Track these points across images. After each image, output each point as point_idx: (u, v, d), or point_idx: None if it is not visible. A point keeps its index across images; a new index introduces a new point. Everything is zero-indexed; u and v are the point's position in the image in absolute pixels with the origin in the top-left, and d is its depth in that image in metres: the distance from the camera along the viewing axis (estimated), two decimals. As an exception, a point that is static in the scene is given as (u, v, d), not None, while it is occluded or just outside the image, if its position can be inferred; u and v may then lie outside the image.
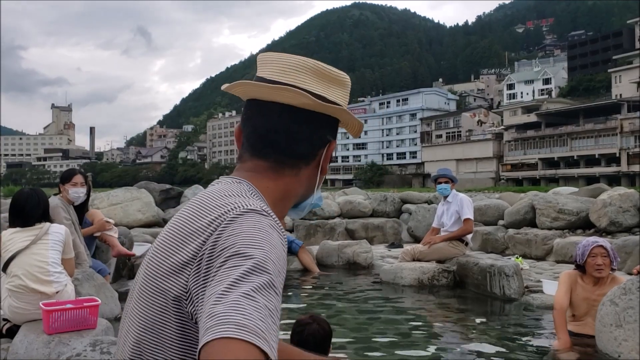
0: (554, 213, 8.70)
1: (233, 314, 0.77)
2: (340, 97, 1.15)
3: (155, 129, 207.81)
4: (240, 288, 0.82)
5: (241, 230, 0.93)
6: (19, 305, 3.55)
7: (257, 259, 0.87)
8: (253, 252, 0.88)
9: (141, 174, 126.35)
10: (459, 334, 4.80)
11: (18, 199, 3.86)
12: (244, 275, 0.84)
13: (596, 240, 4.00)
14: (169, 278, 0.97)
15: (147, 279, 1.02)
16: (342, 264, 8.02)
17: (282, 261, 0.93)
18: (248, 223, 0.94)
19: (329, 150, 1.17)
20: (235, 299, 0.79)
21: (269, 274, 0.86)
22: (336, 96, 1.14)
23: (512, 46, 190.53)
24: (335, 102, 1.14)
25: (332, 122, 1.17)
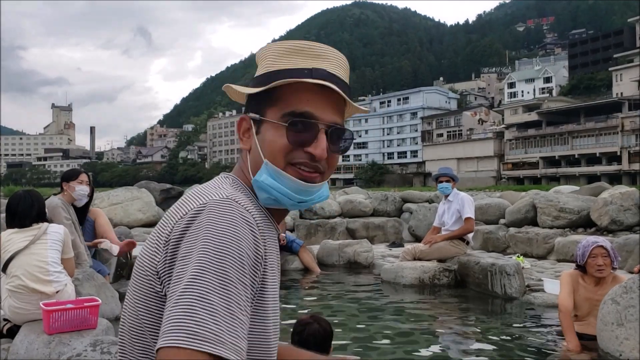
0: (555, 212, 8.69)
1: (186, 320, 0.84)
2: (294, 63, 1.12)
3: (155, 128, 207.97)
4: (196, 289, 0.87)
5: (206, 223, 0.97)
6: (19, 306, 3.55)
7: (216, 255, 0.92)
8: (213, 246, 0.93)
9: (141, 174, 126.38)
10: (460, 333, 4.79)
11: (11, 201, 3.87)
12: (201, 273, 0.89)
13: (596, 241, 3.98)
14: (149, 261, 1.04)
15: (135, 269, 1.09)
16: (342, 263, 8.01)
17: (247, 248, 0.96)
18: (213, 215, 0.98)
19: (239, 124, 1.20)
20: (189, 303, 0.86)
21: (227, 269, 0.90)
22: (292, 64, 1.12)
23: (512, 45, 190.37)
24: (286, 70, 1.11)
25: (260, 100, 1.15)
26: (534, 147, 75.14)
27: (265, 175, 1.11)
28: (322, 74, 1.10)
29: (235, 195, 1.05)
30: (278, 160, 1.11)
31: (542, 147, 74.03)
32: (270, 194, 1.12)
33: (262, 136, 1.13)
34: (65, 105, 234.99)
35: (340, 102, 1.15)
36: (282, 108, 1.11)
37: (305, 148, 1.10)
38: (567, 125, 71.37)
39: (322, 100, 1.12)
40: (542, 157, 73.05)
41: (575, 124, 70.96)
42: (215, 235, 0.95)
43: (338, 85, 1.11)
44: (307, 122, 1.10)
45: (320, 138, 1.10)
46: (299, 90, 1.11)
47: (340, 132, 1.15)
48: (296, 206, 1.15)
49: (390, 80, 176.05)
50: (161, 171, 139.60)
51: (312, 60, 1.12)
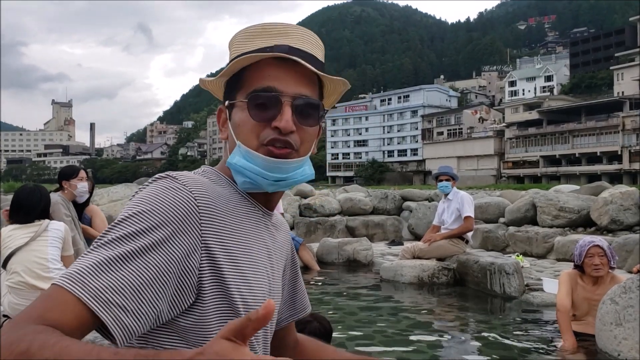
0: (555, 211, 8.69)
1: (70, 266, 0.90)
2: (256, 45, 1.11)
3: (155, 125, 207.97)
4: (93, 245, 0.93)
5: (137, 194, 1.02)
6: (19, 302, 3.55)
7: (121, 218, 0.96)
8: (124, 212, 0.97)
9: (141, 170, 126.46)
10: (459, 331, 4.80)
11: (20, 195, 3.86)
12: (103, 234, 0.94)
13: (592, 240, 3.99)
14: None
15: None
16: (342, 261, 8.01)
17: (163, 214, 0.96)
18: (147, 188, 1.02)
19: (218, 116, 1.21)
20: (82, 255, 0.92)
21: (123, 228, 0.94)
22: (255, 46, 1.11)
23: (514, 43, 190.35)
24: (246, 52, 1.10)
25: (231, 87, 1.15)
26: (534, 145, 75.10)
27: (237, 157, 1.10)
28: (283, 49, 1.08)
29: (182, 174, 1.06)
30: (250, 141, 1.09)
31: (543, 145, 73.99)
32: (245, 176, 1.10)
33: (233, 120, 1.13)
34: (65, 102, 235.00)
35: (311, 75, 1.12)
36: (247, 88, 1.10)
37: (272, 123, 1.08)
38: (567, 124, 71.33)
39: (285, 73, 1.09)
40: (542, 155, 73.02)
41: (576, 123, 70.90)
42: (134, 203, 0.98)
43: (303, 59, 1.08)
44: (267, 96, 1.08)
45: (285, 111, 1.07)
46: (261, 68, 1.09)
47: (308, 104, 1.11)
48: (274, 185, 1.12)
49: (391, 78, 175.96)
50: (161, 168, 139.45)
51: (275, 39, 1.11)
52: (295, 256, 1.43)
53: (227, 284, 1.03)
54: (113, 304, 0.87)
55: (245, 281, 1.06)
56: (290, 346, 1.43)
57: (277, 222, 1.30)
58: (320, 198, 11.60)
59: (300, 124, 1.10)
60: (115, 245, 0.91)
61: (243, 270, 1.06)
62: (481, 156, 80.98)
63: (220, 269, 1.02)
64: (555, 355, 3.97)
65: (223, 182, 1.15)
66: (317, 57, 1.14)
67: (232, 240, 1.06)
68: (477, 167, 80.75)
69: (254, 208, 1.16)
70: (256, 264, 1.11)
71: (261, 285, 1.11)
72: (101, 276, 0.87)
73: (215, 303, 1.02)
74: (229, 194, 1.12)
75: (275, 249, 1.23)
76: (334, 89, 1.19)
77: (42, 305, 0.85)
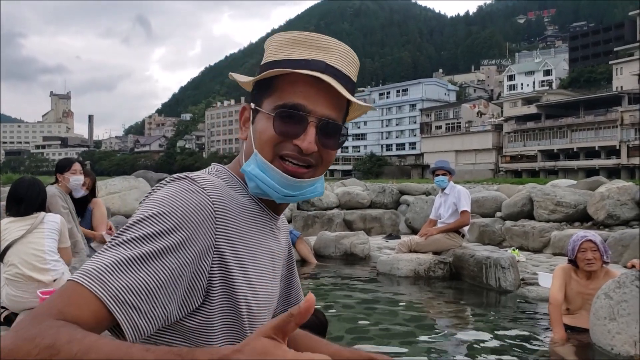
0: (551, 205, 8.71)
1: (88, 263, 0.90)
2: (294, 54, 1.10)
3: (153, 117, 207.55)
4: (112, 241, 0.93)
5: (154, 193, 1.02)
6: (17, 294, 3.57)
7: (139, 218, 0.95)
8: (143, 212, 0.97)
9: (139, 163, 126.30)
10: (454, 325, 4.83)
11: (19, 187, 3.86)
12: (121, 232, 0.94)
13: (585, 235, 4.01)
14: None
15: None
16: (339, 255, 8.04)
17: (183, 216, 0.96)
18: (164, 188, 1.02)
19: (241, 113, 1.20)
20: (100, 252, 0.92)
21: (142, 228, 0.93)
22: (292, 55, 1.10)
23: (513, 37, 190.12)
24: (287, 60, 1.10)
25: (260, 90, 1.14)
26: (532, 140, 75.16)
27: (252, 166, 1.10)
28: (320, 66, 1.07)
29: (199, 176, 1.06)
30: (266, 152, 1.09)
31: (541, 140, 74.05)
32: (257, 185, 1.11)
33: (256, 126, 1.12)
34: (64, 94, 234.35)
35: (341, 97, 1.10)
36: (276, 99, 1.09)
37: (294, 141, 1.08)
38: (566, 119, 71.36)
39: (317, 93, 1.08)
40: (540, 150, 73.09)
41: (575, 117, 70.95)
42: (153, 203, 0.98)
43: (338, 79, 1.07)
44: (294, 114, 1.07)
45: (309, 131, 1.07)
46: (294, 81, 1.08)
47: (334, 127, 1.10)
48: (283, 200, 1.14)
49: (389, 71, 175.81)
50: (159, 160, 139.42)
51: (313, 52, 1.09)
52: (291, 252, 1.45)
53: (235, 288, 1.04)
54: (129, 305, 0.87)
55: (251, 286, 1.07)
56: None
57: (280, 223, 1.31)
58: (318, 191, 11.61)
59: (322, 145, 1.10)
60: (134, 245, 0.91)
61: (249, 276, 1.08)
62: (479, 150, 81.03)
63: (230, 272, 1.03)
64: (547, 348, 4.00)
65: (235, 184, 1.15)
66: (351, 77, 1.13)
67: (242, 245, 1.07)
68: (475, 161, 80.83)
69: (262, 212, 1.17)
70: (261, 270, 1.12)
71: (265, 291, 1.12)
72: (120, 276, 0.88)
73: (221, 306, 1.03)
74: (241, 197, 1.12)
75: (278, 252, 1.24)
76: (358, 108, 1.19)
77: (61, 300, 0.85)
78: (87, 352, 0.75)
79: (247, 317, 1.07)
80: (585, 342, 3.93)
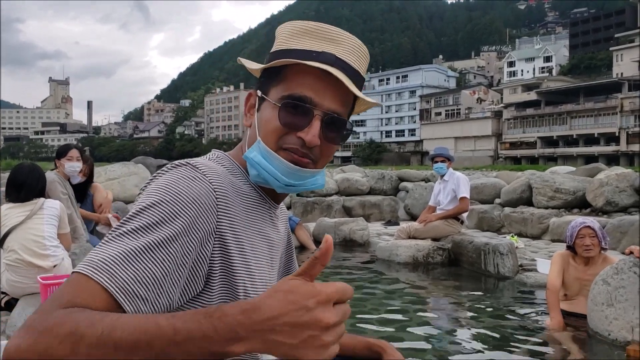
0: (550, 192, 8.72)
1: (93, 252, 0.89)
2: (305, 44, 1.09)
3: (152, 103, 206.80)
4: (117, 230, 0.92)
5: (157, 180, 1.01)
6: (17, 279, 3.59)
7: (142, 206, 0.94)
8: (145, 200, 0.96)
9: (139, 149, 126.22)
10: (453, 311, 4.86)
11: (19, 174, 3.86)
12: (124, 222, 0.94)
13: (584, 221, 4.04)
14: None
15: None
16: (338, 241, 8.06)
17: (188, 203, 0.96)
18: (167, 174, 1.02)
19: (246, 99, 1.20)
20: (104, 242, 0.91)
21: (145, 217, 0.93)
22: (302, 45, 1.09)
23: (513, 23, 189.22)
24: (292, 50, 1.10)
25: (268, 78, 1.13)
26: (532, 126, 75.02)
27: (255, 153, 1.10)
28: (329, 59, 1.06)
29: (200, 162, 1.06)
30: (270, 141, 1.09)
31: (540, 126, 73.92)
32: (259, 172, 1.10)
33: (261, 114, 1.12)
34: (62, 79, 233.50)
35: (348, 92, 1.09)
36: (283, 89, 1.09)
37: (298, 133, 1.07)
38: (566, 105, 71.18)
39: (325, 86, 1.07)
40: (540, 137, 72.99)
41: (574, 104, 70.76)
42: (155, 191, 0.97)
43: (346, 73, 1.07)
44: (300, 106, 1.06)
45: (314, 124, 1.06)
46: (302, 72, 1.07)
47: (339, 122, 1.10)
48: (284, 189, 1.13)
49: (389, 57, 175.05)
50: (158, 146, 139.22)
51: (324, 43, 1.08)
52: (291, 240, 1.45)
53: (234, 274, 1.04)
54: (137, 296, 0.87)
55: (249, 274, 1.08)
56: None
57: (279, 212, 1.32)
58: (318, 178, 11.62)
59: (326, 139, 1.09)
60: (139, 235, 0.91)
61: (249, 263, 1.08)
62: (479, 137, 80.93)
63: (230, 259, 1.04)
64: (544, 333, 4.03)
65: (236, 171, 1.15)
66: (360, 71, 1.12)
67: (242, 232, 1.07)
68: (475, 147, 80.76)
69: (262, 200, 1.18)
70: (259, 257, 1.13)
71: (262, 279, 1.13)
72: (127, 267, 0.87)
73: (220, 293, 1.03)
74: (241, 185, 1.13)
75: (277, 240, 1.25)
76: (364, 102, 1.18)
77: (69, 291, 0.84)
78: (112, 329, 0.74)
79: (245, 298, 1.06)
80: (582, 328, 3.96)
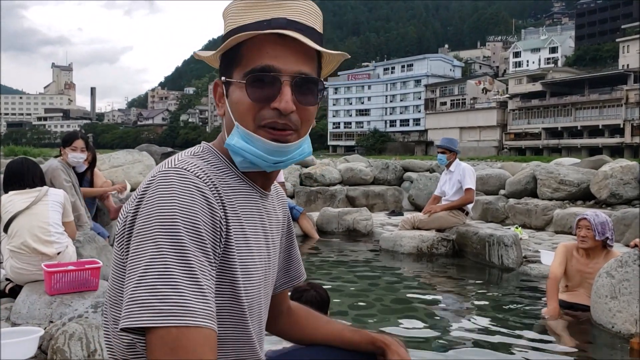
0: (555, 184, 8.70)
1: (151, 299, 0.86)
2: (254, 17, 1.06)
3: (156, 90, 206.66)
4: (156, 266, 0.89)
5: (156, 196, 0.97)
6: (21, 266, 3.59)
7: (169, 227, 0.92)
8: (165, 219, 0.93)
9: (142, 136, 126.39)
10: (456, 302, 4.86)
11: (14, 165, 3.88)
12: (159, 249, 0.90)
13: (585, 215, 4.13)
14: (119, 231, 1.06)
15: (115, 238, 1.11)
16: (342, 230, 8.06)
17: (200, 213, 0.96)
18: (161, 186, 0.97)
19: (214, 90, 1.18)
20: (152, 282, 0.87)
21: (183, 239, 0.91)
22: (251, 18, 1.06)
23: (519, 13, 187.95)
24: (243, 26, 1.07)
25: (228, 62, 1.11)
26: (537, 117, 74.72)
27: (236, 138, 1.08)
28: (281, 23, 1.04)
29: (187, 162, 1.04)
30: (247, 122, 1.07)
31: (545, 117, 73.61)
32: (244, 157, 1.09)
33: (231, 99, 1.10)
34: (65, 65, 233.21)
35: (310, 51, 1.07)
36: (244, 66, 1.07)
37: (271, 104, 1.05)
38: (571, 97, 70.83)
39: (284, 50, 1.04)
40: (544, 128, 72.71)
41: (579, 96, 70.40)
42: (165, 208, 0.94)
43: (302, 32, 1.04)
44: (265, 76, 1.04)
45: (284, 91, 1.04)
46: (260, 44, 1.05)
47: (308, 81, 1.08)
48: (273, 167, 1.12)
49: (394, 46, 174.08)
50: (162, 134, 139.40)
51: (272, 11, 1.05)
52: (291, 225, 1.44)
53: (234, 270, 1.05)
54: (209, 313, 0.90)
55: (246, 268, 1.08)
56: (284, 312, 1.48)
57: (274, 194, 1.31)
58: (321, 167, 11.60)
59: (300, 103, 1.07)
60: (186, 262, 0.90)
61: (244, 257, 1.08)
62: (484, 127, 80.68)
63: (228, 256, 1.04)
64: (542, 322, 4.03)
65: (221, 164, 1.13)
66: (316, 29, 1.10)
67: (237, 228, 1.07)
68: (479, 138, 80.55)
69: (252, 191, 1.16)
70: (254, 250, 1.12)
71: (258, 272, 1.13)
72: (200, 299, 0.88)
73: (222, 289, 1.04)
74: (228, 179, 1.11)
75: (274, 226, 1.24)
76: (331, 59, 1.15)
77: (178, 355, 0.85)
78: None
79: (246, 298, 1.08)
80: (583, 319, 3.98)
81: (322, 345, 1.41)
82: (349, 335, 1.41)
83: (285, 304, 1.48)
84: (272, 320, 1.42)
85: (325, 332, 1.43)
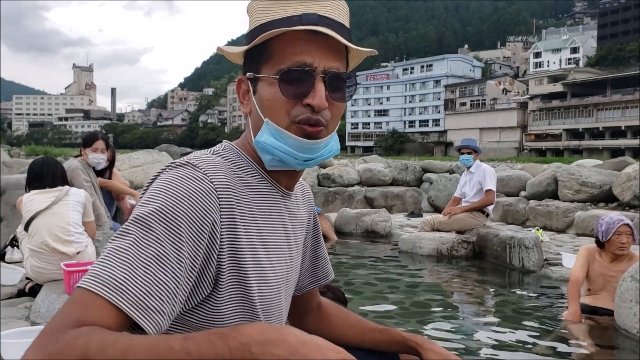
0: (576, 185, 8.58)
1: (97, 266, 0.86)
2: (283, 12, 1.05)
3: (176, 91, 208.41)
4: (119, 241, 0.89)
5: (155, 185, 0.98)
6: (41, 265, 3.61)
7: (148, 212, 0.92)
8: (149, 205, 0.93)
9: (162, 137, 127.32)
10: (476, 304, 4.80)
11: (35, 165, 3.92)
12: (128, 228, 0.91)
13: (622, 219, 3.99)
14: None
15: None
16: (360, 232, 8.02)
17: (188, 209, 0.94)
18: (165, 178, 0.98)
19: (238, 87, 1.16)
20: (108, 253, 0.88)
21: (154, 227, 0.90)
22: (280, 14, 1.05)
23: (540, 13, 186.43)
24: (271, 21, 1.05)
25: (255, 57, 1.09)
26: (557, 118, 73.95)
27: (266, 135, 1.06)
28: (313, 19, 1.03)
29: (201, 159, 1.03)
30: (280, 119, 1.05)
31: (566, 118, 72.83)
32: (273, 155, 1.07)
33: (260, 95, 1.08)
34: (86, 66, 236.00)
35: (340, 46, 1.06)
36: (276, 62, 1.05)
37: (304, 100, 1.04)
38: (592, 97, 70.00)
39: (317, 46, 1.04)
40: (565, 129, 71.94)
41: (601, 96, 69.55)
42: (156, 195, 0.95)
43: (332, 28, 1.03)
44: (299, 72, 1.03)
45: (318, 87, 1.03)
46: (290, 40, 1.04)
47: (340, 78, 1.07)
48: (302, 165, 1.10)
49: (414, 46, 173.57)
50: (181, 134, 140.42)
51: (301, 6, 1.04)
52: (318, 224, 1.42)
53: (245, 272, 1.03)
54: (152, 309, 0.85)
55: (261, 268, 1.06)
56: (313, 310, 1.47)
57: (300, 193, 1.29)
58: (339, 168, 11.57)
59: (332, 99, 1.06)
60: (146, 246, 0.88)
61: (259, 257, 1.06)
62: (504, 128, 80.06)
63: (238, 258, 1.02)
64: (563, 325, 3.96)
65: (243, 163, 1.12)
66: (344, 24, 1.09)
67: (251, 227, 1.05)
68: (500, 139, 79.95)
69: (273, 190, 1.14)
70: (272, 250, 1.11)
71: (277, 272, 1.11)
72: (138, 281, 0.85)
73: (231, 292, 1.02)
74: (249, 178, 1.10)
75: (294, 227, 1.21)
76: (356, 54, 1.14)
77: (76, 310, 0.82)
78: (125, 353, 0.72)
79: (260, 300, 1.06)
80: (606, 324, 3.90)
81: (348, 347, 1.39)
82: (380, 336, 1.38)
83: (314, 301, 1.47)
84: (300, 317, 1.43)
85: (356, 332, 1.42)
